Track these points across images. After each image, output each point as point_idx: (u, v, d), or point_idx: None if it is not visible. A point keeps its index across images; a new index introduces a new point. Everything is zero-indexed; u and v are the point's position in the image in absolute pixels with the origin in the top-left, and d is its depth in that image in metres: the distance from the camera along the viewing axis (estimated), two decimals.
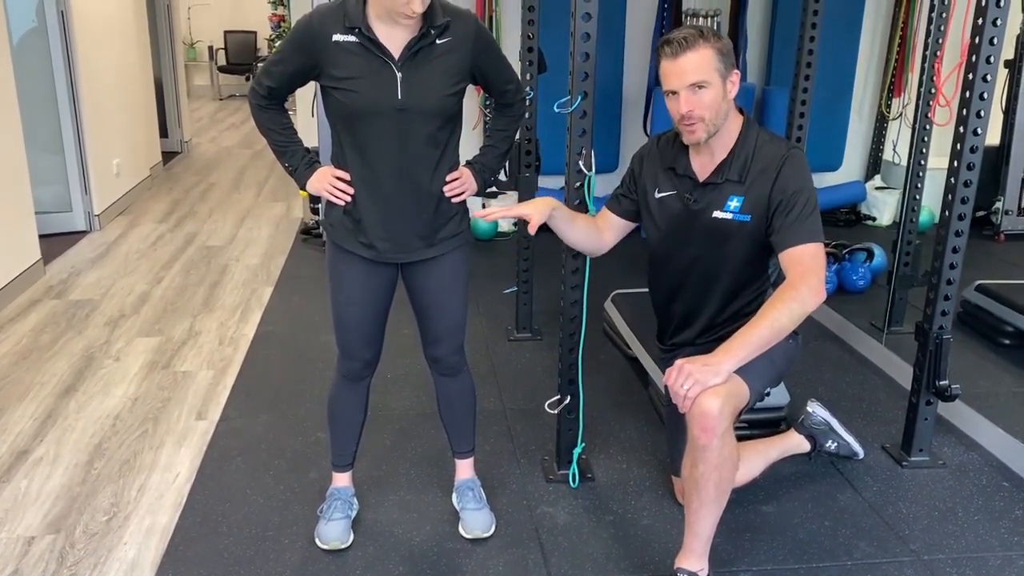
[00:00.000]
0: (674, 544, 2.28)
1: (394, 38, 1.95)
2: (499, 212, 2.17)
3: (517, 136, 2.39)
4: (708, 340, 2.28)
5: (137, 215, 5.88)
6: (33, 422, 2.98)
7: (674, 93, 2.07)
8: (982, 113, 2.39)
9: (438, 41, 1.98)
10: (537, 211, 2.16)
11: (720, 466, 1.97)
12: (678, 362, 1.94)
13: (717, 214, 2.17)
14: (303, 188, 2.16)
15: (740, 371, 1.98)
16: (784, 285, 2.02)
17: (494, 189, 5.02)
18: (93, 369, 3.41)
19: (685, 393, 1.90)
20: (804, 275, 2.00)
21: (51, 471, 2.68)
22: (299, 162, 2.16)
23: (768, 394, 2.21)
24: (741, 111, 2.19)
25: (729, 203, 2.15)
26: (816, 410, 2.68)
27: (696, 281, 2.29)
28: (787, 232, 2.05)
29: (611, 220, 2.40)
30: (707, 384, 1.89)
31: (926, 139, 3.46)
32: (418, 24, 1.94)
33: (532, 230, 2.15)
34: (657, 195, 2.28)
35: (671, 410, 2.47)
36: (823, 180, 5.48)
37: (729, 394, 1.95)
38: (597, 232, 2.38)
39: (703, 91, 2.04)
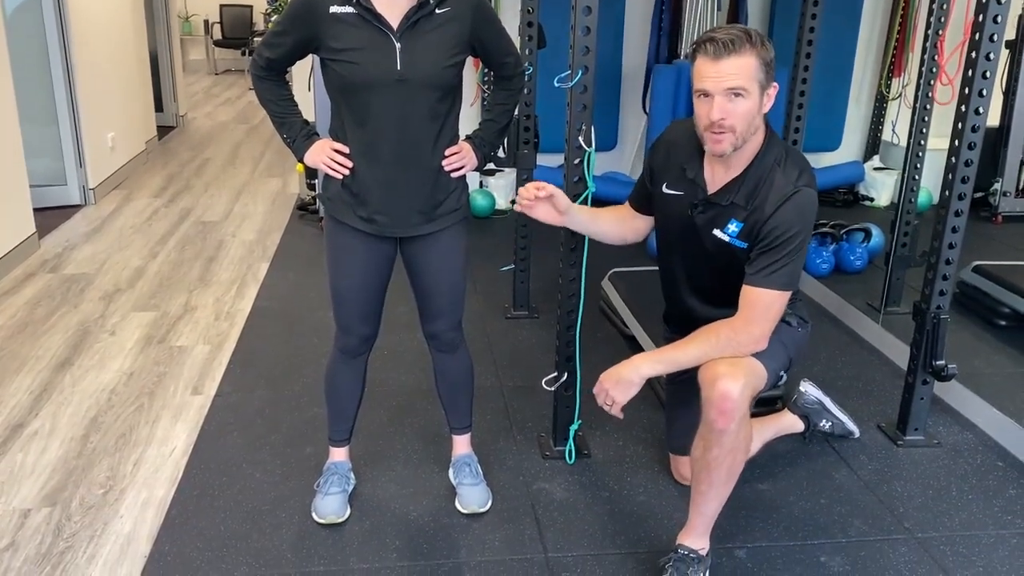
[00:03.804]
0: (670, 521, 2.29)
1: (393, 8, 1.93)
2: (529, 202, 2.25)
3: (516, 112, 2.37)
4: None
5: (132, 189, 5.85)
6: (29, 395, 2.98)
7: (707, 95, 1.91)
8: (984, 92, 2.37)
9: (437, 11, 1.95)
10: (562, 198, 2.24)
11: (734, 450, 1.96)
12: (600, 378, 2.06)
13: (717, 233, 2.08)
14: (301, 160, 2.15)
15: (757, 354, 1.99)
16: (732, 320, 2.01)
17: (492, 166, 5.01)
18: (88, 343, 3.40)
19: (608, 406, 2.06)
20: (751, 320, 1.99)
21: (47, 444, 2.67)
22: (297, 134, 2.14)
23: (783, 377, 2.20)
24: (766, 124, 2.04)
25: (729, 226, 2.05)
26: (808, 390, 2.68)
27: (697, 281, 2.24)
28: (758, 270, 1.98)
29: (632, 213, 2.36)
30: (627, 392, 2.03)
31: (926, 119, 3.45)
32: None
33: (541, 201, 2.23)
34: (665, 190, 2.19)
35: (671, 389, 2.48)
36: (821, 160, 5.47)
37: (749, 375, 1.94)
38: (623, 221, 2.36)
39: (740, 100, 1.89)
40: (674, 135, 2.21)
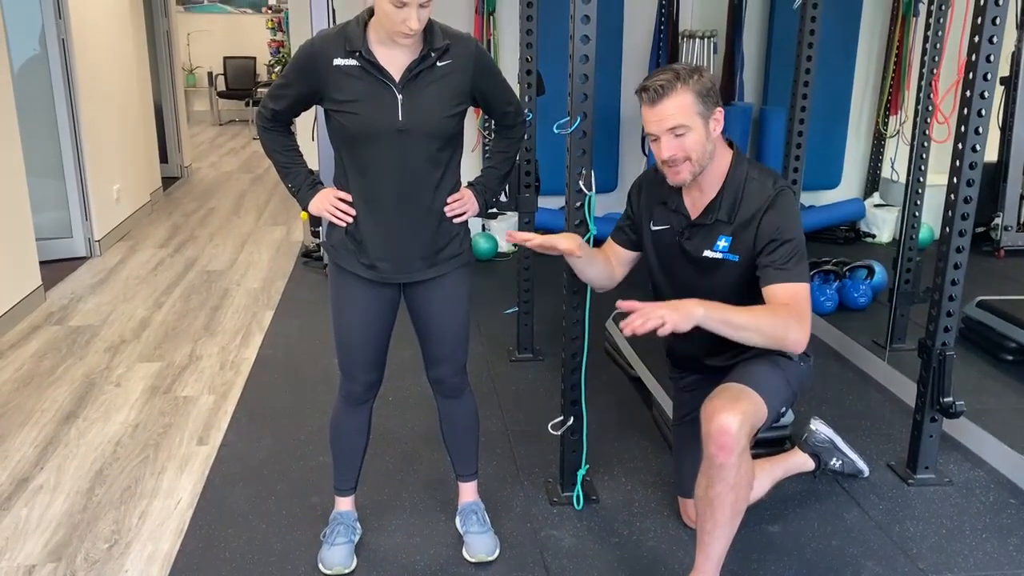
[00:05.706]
0: (680, 566, 2.26)
1: (395, 61, 1.96)
2: (537, 240, 2.18)
3: (517, 157, 2.40)
4: (717, 364, 2.27)
5: (137, 240, 5.89)
6: (34, 449, 2.97)
7: (656, 139, 2.08)
8: (980, 130, 2.40)
9: (438, 63, 1.99)
10: (574, 244, 2.20)
11: (736, 486, 1.96)
12: (644, 308, 1.89)
13: (707, 253, 2.18)
14: (305, 209, 2.17)
15: (758, 389, 2.01)
16: (786, 310, 2.03)
17: (495, 210, 5.04)
18: (94, 395, 3.40)
19: (653, 322, 1.85)
20: (802, 316, 2.02)
21: (52, 499, 2.66)
22: (302, 183, 2.17)
23: (783, 413, 2.20)
24: (731, 144, 2.19)
25: (718, 243, 2.16)
26: (819, 428, 2.67)
27: None
28: (773, 270, 2.06)
29: (618, 253, 2.41)
30: (678, 325, 1.87)
31: (924, 156, 3.48)
32: (418, 47, 1.96)
33: (576, 252, 2.20)
34: (652, 228, 2.30)
35: (679, 431, 2.47)
36: (822, 198, 5.50)
37: (747, 412, 1.95)
38: (610, 267, 2.39)
39: (685, 136, 2.05)
40: (648, 177, 2.35)
